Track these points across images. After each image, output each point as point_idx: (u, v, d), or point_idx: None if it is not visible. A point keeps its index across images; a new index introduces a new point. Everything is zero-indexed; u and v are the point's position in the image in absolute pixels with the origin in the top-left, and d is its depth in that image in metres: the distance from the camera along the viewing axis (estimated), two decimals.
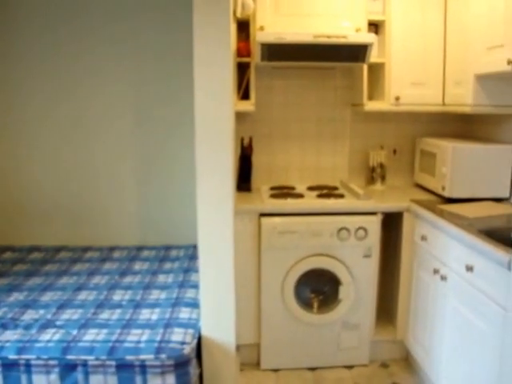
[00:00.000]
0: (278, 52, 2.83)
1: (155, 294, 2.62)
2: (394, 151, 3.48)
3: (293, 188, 3.34)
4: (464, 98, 2.83)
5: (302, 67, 3.30)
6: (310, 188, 3.33)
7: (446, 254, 2.45)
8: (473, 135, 3.36)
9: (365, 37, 2.84)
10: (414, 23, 3.00)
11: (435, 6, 2.99)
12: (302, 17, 2.92)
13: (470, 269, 2.19)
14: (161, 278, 2.84)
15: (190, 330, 2.23)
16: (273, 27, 2.87)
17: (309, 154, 3.45)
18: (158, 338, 2.14)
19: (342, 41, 2.79)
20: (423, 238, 2.70)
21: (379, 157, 3.39)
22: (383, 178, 3.40)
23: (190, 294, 2.62)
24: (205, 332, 2.30)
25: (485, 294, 2.09)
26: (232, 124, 2.18)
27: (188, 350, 2.11)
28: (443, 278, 2.44)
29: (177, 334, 2.17)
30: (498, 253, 1.98)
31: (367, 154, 3.45)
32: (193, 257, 3.16)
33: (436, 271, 2.52)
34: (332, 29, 2.89)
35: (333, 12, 2.93)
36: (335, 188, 3.32)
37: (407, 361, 3.06)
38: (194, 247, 3.27)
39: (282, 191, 3.22)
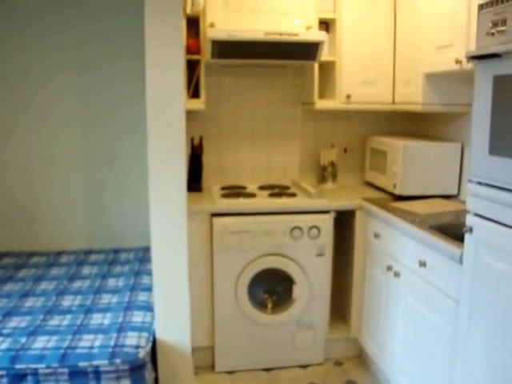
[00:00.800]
0: (229, 49, 2.79)
1: (106, 299, 2.52)
2: (345, 150, 3.50)
3: (244, 187, 3.31)
4: (414, 96, 2.87)
5: (252, 65, 3.27)
6: (262, 187, 3.30)
7: (399, 250, 2.47)
8: (421, 133, 3.43)
9: (316, 35, 2.83)
10: (364, 22, 3.02)
11: (385, 5, 3.03)
12: (253, 14, 2.88)
13: (422, 264, 2.22)
14: (111, 282, 2.74)
15: (145, 334, 2.15)
16: (223, 24, 2.82)
17: (260, 153, 3.42)
18: (112, 342, 2.06)
19: (293, 38, 2.78)
20: (376, 236, 2.72)
21: (330, 155, 3.40)
22: (334, 176, 3.42)
23: (142, 297, 2.53)
24: (159, 335, 2.23)
25: (438, 289, 2.12)
26: (184, 124, 2.12)
27: (143, 353, 2.04)
28: (396, 274, 2.47)
29: (131, 338, 2.10)
30: (450, 247, 2.01)
31: (318, 153, 3.45)
32: (143, 259, 3.07)
33: (389, 268, 2.54)
34: (283, 26, 2.88)
35: (283, 9, 2.92)
36: (287, 187, 3.30)
37: (361, 358, 3.08)
38: (144, 250, 3.18)
39: (234, 191, 3.18)
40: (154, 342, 2.21)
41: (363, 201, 2.93)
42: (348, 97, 3.08)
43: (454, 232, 2.23)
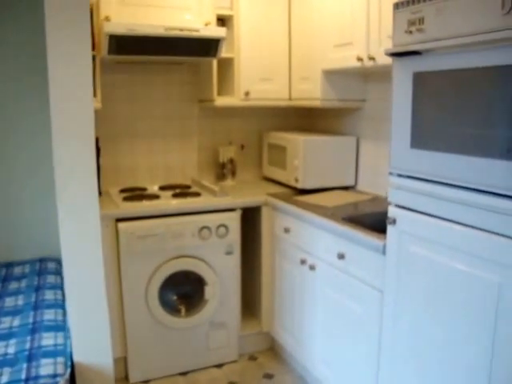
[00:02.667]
0: (128, 45, 2.64)
1: (6, 322, 2.26)
2: (242, 146, 3.51)
3: (144, 189, 3.17)
4: (312, 92, 2.95)
5: (147, 62, 3.13)
6: (162, 188, 3.19)
7: (313, 244, 2.53)
8: (315, 128, 3.55)
9: (217, 31, 2.78)
10: (261, 19, 3.04)
11: (280, 2, 3.07)
12: (149, 8, 2.75)
13: (341, 257, 2.29)
14: (9, 302, 2.46)
15: (60, 359, 1.96)
16: (119, 18, 2.66)
17: (157, 153, 3.30)
18: (23, 375, 1.81)
19: (194, 34, 2.71)
20: (286, 231, 2.76)
21: (229, 153, 3.38)
22: (233, 173, 3.41)
23: (48, 315, 2.31)
24: (78, 357, 2.05)
25: (359, 279, 2.20)
26: (94, 123, 1.97)
27: (63, 383, 1.84)
28: (312, 267, 2.53)
29: (45, 367, 1.88)
30: (372, 239, 2.10)
31: (216, 151, 3.42)
32: (42, 272, 2.81)
33: (303, 261, 2.60)
34: (180, 22, 2.79)
35: (181, 5, 2.82)
36: (188, 186, 3.23)
37: (273, 350, 3.13)
38: (41, 261, 2.91)
39: (134, 193, 3.03)
40: (73, 366, 2.03)
41: (268, 196, 2.95)
42: (247, 93, 3.08)
43: (366, 222, 2.35)
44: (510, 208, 1.52)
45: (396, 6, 1.88)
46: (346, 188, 3.11)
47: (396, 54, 1.89)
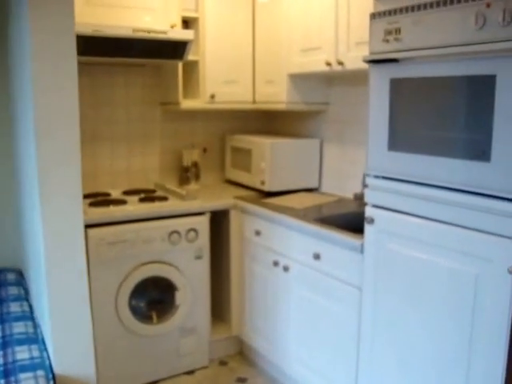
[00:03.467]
0: (94, 46, 2.57)
1: None
2: (205, 149, 3.49)
3: (108, 194, 3.09)
4: (278, 95, 2.99)
5: (109, 63, 3.05)
6: (126, 193, 3.13)
7: (286, 245, 2.56)
8: (278, 131, 3.58)
9: (185, 33, 2.76)
10: (225, 22, 3.05)
11: (244, 6, 3.09)
12: (114, 8, 2.70)
13: (317, 257, 2.33)
14: None
15: (40, 372, 1.89)
16: (84, 18, 2.58)
17: (119, 157, 3.23)
18: None
19: (162, 36, 2.68)
20: (257, 233, 2.77)
21: (192, 156, 3.36)
22: (197, 176, 3.39)
23: (18, 328, 2.22)
24: (59, 370, 1.98)
25: (336, 279, 2.25)
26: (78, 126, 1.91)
27: None
28: (286, 268, 2.55)
29: (26, 381, 1.83)
30: (350, 239, 2.15)
31: (178, 154, 3.39)
32: (2, 284, 2.68)
33: (276, 263, 2.62)
34: (146, 23, 2.76)
35: (147, 6, 2.79)
36: (153, 191, 3.18)
37: (243, 354, 3.12)
38: (1, 272, 2.78)
39: (99, 198, 2.95)
40: (54, 379, 1.95)
41: (237, 199, 2.96)
42: (212, 96, 3.07)
43: (337, 223, 2.41)
44: (482, 204, 1.63)
45: (373, 16, 1.94)
46: (310, 190, 3.16)
47: (373, 61, 1.95)
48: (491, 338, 1.62)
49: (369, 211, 2.05)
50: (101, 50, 2.62)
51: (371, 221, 2.04)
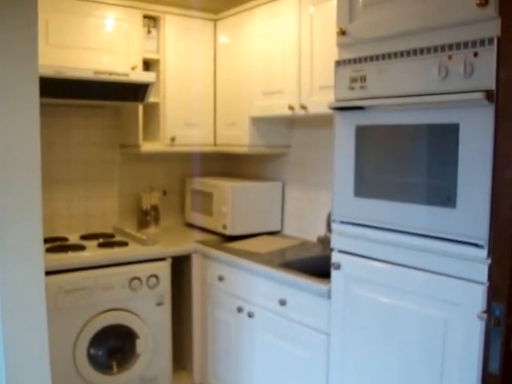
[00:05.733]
0: (54, 88, 2.51)
1: None
2: (164, 192, 3.43)
3: (65, 239, 2.98)
4: (239, 138, 2.99)
5: (67, 104, 2.99)
6: (84, 237, 3.02)
7: (251, 291, 2.51)
8: (239, 173, 3.57)
9: (147, 76, 2.75)
10: (187, 64, 3.06)
11: (206, 48, 3.12)
12: (75, 50, 2.68)
13: (283, 303, 2.29)
14: None
15: None
16: (44, 59, 2.51)
17: (76, 200, 3.13)
18: None
19: (123, 79, 2.65)
20: (220, 279, 2.71)
21: (152, 199, 3.29)
22: (157, 220, 3.31)
23: None
24: None
25: (303, 325, 2.21)
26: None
27: None
28: (250, 314, 2.49)
29: None
30: (316, 284, 2.13)
31: (137, 197, 3.32)
32: None
33: (240, 309, 2.56)
34: (107, 65, 2.74)
35: (107, 47, 2.78)
36: (111, 235, 3.08)
37: None
38: None
39: (55, 244, 2.84)
40: None
41: (198, 244, 2.90)
42: (173, 139, 3.05)
43: (302, 268, 2.39)
44: (448, 249, 1.65)
45: (338, 64, 1.98)
46: (272, 233, 3.14)
47: (339, 108, 1.97)
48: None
49: (335, 257, 2.04)
50: (61, 91, 2.57)
51: (338, 266, 2.02)
